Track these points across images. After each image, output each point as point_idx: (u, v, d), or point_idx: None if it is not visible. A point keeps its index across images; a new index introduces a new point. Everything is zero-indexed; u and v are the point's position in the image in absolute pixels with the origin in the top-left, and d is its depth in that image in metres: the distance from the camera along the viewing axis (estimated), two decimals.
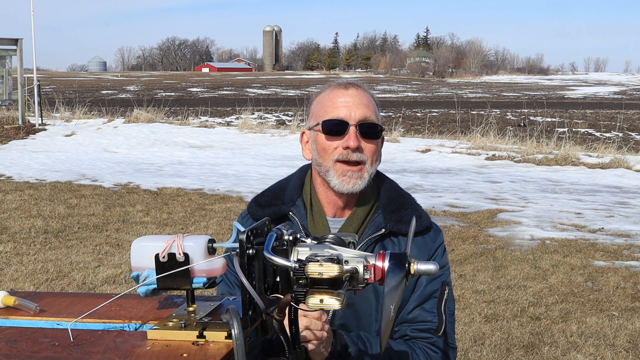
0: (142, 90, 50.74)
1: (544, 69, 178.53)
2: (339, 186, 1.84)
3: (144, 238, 1.33)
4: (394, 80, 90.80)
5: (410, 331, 1.87)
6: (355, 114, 1.84)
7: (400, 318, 1.88)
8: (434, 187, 11.41)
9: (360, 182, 1.84)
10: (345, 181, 1.83)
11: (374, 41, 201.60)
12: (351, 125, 1.83)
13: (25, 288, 5.76)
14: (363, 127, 1.83)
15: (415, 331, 1.87)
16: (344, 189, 1.84)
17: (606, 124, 24.57)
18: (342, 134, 1.83)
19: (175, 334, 1.21)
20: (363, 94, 1.89)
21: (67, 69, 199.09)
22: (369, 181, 1.86)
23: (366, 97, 1.89)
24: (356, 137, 1.82)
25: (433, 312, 1.88)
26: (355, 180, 1.83)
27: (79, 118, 20.91)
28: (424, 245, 1.92)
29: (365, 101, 1.87)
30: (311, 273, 1.11)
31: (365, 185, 1.85)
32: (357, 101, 1.86)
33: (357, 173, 1.83)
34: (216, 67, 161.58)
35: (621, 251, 7.29)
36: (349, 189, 1.84)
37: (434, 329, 1.87)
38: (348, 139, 1.82)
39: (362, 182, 1.84)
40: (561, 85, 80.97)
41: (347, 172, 1.83)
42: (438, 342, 1.88)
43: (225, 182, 11.53)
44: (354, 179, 1.83)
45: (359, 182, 1.84)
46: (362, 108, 1.85)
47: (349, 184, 1.83)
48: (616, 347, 4.76)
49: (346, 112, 1.84)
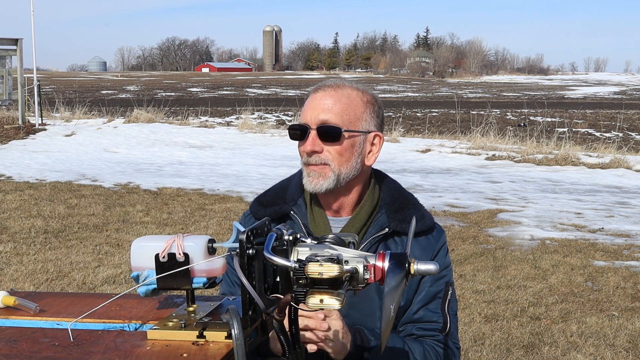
0: (142, 90, 50.73)
1: (544, 69, 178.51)
2: (307, 186, 1.87)
3: (144, 238, 1.33)
4: (394, 80, 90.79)
5: (416, 330, 1.89)
6: (317, 117, 1.83)
7: (405, 318, 1.90)
8: (434, 187, 11.41)
9: (323, 182, 1.83)
10: (310, 181, 1.85)
11: (374, 41, 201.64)
12: (311, 130, 1.83)
13: (25, 288, 5.76)
14: (320, 130, 1.83)
15: (421, 330, 1.89)
16: (309, 189, 1.86)
17: (606, 124, 24.56)
18: (304, 138, 1.84)
19: (175, 334, 1.21)
20: (332, 94, 1.85)
21: (67, 69, 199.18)
22: (337, 181, 1.84)
23: (335, 98, 1.85)
24: (313, 141, 1.82)
25: (438, 312, 1.90)
26: (317, 180, 1.84)
27: (79, 118, 20.90)
28: (428, 245, 1.92)
29: (330, 103, 1.84)
30: (311, 273, 1.11)
31: (332, 185, 1.84)
32: (322, 104, 1.84)
33: (319, 173, 1.84)
34: (216, 67, 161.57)
35: (621, 251, 7.29)
36: (313, 189, 1.85)
37: (439, 329, 1.89)
38: (306, 143, 1.83)
39: (326, 181, 1.83)
40: (561, 85, 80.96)
41: (310, 173, 1.85)
42: (445, 340, 1.90)
43: (225, 182, 11.53)
44: (316, 178, 1.84)
45: (321, 182, 1.83)
46: (324, 111, 1.83)
47: (312, 184, 1.84)
48: (616, 347, 4.76)
49: (310, 115, 1.84)
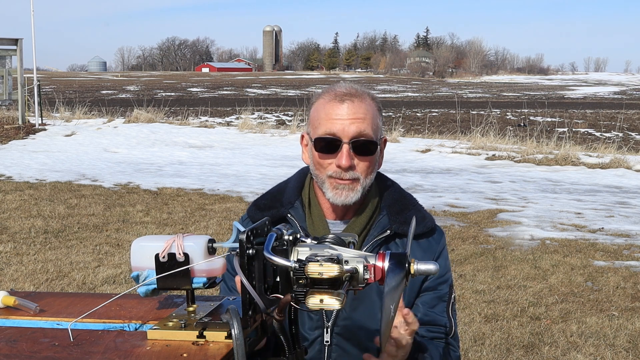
0: (142, 90, 50.72)
1: (544, 69, 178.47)
2: (333, 199, 1.83)
3: (144, 238, 1.33)
4: (394, 80, 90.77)
5: (425, 332, 1.88)
6: (349, 130, 1.77)
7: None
8: (434, 187, 11.41)
9: (353, 195, 1.82)
10: (338, 194, 1.82)
11: (374, 41, 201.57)
12: (344, 144, 1.78)
13: (25, 288, 5.76)
14: (357, 144, 1.78)
15: (429, 332, 1.88)
16: (337, 202, 1.83)
17: (606, 124, 24.55)
18: (335, 151, 1.79)
19: (175, 334, 1.21)
20: (359, 105, 1.80)
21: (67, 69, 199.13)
22: (363, 193, 1.84)
23: (363, 108, 1.80)
24: (349, 155, 1.78)
25: (443, 315, 1.90)
26: (347, 193, 1.81)
27: (79, 118, 20.91)
28: (429, 247, 1.91)
29: (360, 114, 1.79)
30: (311, 273, 1.11)
31: (358, 197, 1.84)
32: (352, 115, 1.79)
33: (350, 186, 1.81)
34: (216, 67, 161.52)
35: (621, 251, 7.29)
36: (342, 202, 1.82)
37: (445, 332, 1.90)
38: (340, 157, 1.78)
39: (355, 194, 1.82)
40: (561, 85, 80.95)
41: (340, 186, 1.81)
42: (452, 343, 1.92)
43: (225, 182, 11.53)
44: (347, 191, 1.81)
45: (351, 195, 1.82)
46: (357, 123, 1.78)
47: (342, 197, 1.82)
48: (616, 347, 4.76)
49: (339, 127, 1.78)
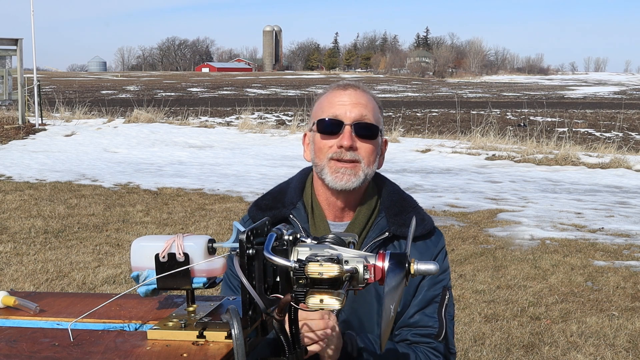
0: (142, 90, 50.73)
1: (544, 69, 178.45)
2: (332, 182, 1.81)
3: (144, 238, 1.33)
4: (394, 80, 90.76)
5: (411, 336, 1.86)
6: (351, 113, 1.82)
7: (401, 322, 1.87)
8: (434, 187, 11.41)
9: (354, 179, 1.81)
10: (339, 177, 1.80)
11: (374, 41, 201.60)
12: (346, 125, 1.81)
13: (25, 288, 5.75)
14: (358, 127, 1.81)
15: (416, 336, 1.86)
16: (337, 185, 1.81)
17: (606, 124, 24.57)
18: (337, 133, 1.81)
19: (175, 334, 1.21)
20: (362, 94, 1.86)
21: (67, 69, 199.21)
22: (364, 180, 1.83)
23: (365, 97, 1.86)
24: (350, 136, 1.80)
25: (434, 317, 1.87)
26: (348, 177, 1.80)
27: (79, 118, 20.91)
28: (426, 249, 1.90)
29: (363, 101, 1.85)
30: (311, 273, 1.11)
31: (360, 184, 1.82)
32: (354, 100, 1.84)
33: (351, 170, 1.81)
34: (216, 67, 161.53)
35: (621, 251, 7.29)
36: (342, 185, 1.81)
37: (434, 334, 1.86)
38: (342, 138, 1.80)
39: (357, 179, 1.81)
40: (561, 85, 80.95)
41: (340, 169, 1.81)
42: (439, 347, 1.87)
43: (225, 182, 11.53)
44: (347, 175, 1.80)
45: (352, 179, 1.81)
46: (359, 107, 1.83)
47: (342, 180, 1.80)
48: (616, 347, 4.76)
49: (342, 110, 1.82)
